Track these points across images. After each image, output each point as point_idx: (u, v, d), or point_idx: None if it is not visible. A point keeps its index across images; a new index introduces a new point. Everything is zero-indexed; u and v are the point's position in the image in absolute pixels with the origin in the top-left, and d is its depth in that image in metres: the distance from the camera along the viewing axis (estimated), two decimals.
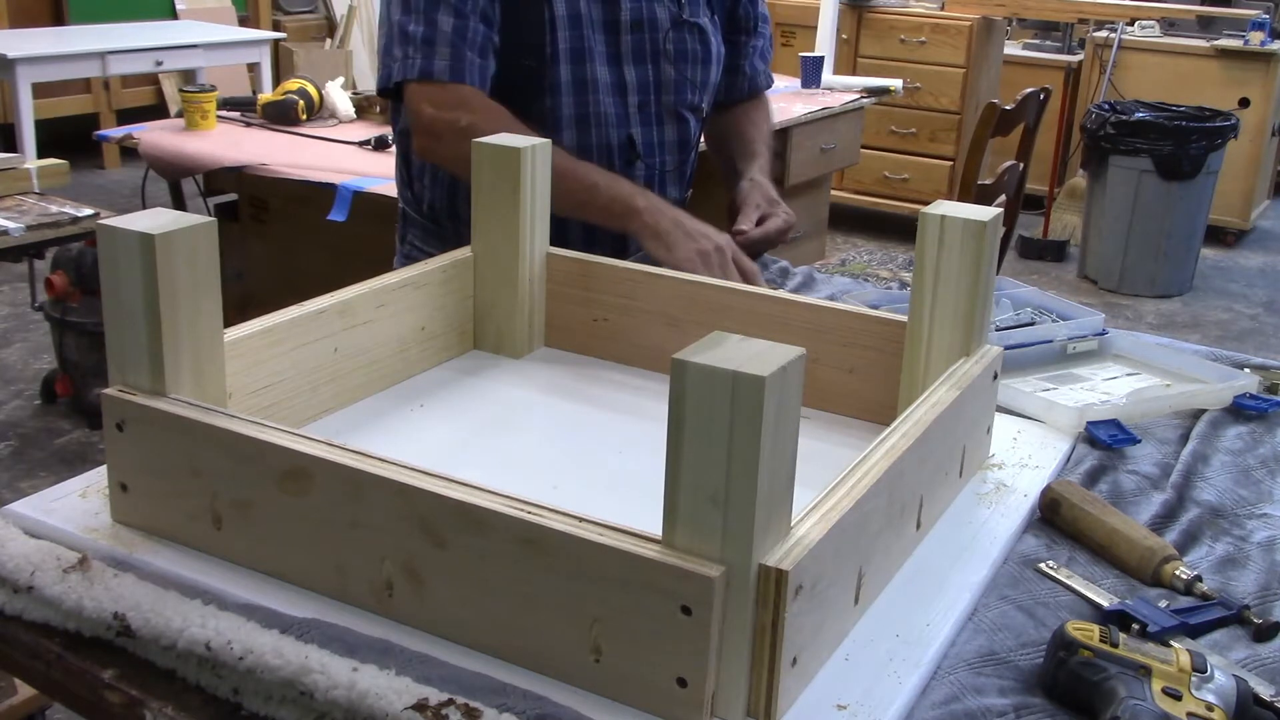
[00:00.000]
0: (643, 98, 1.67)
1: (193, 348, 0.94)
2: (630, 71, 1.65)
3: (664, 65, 1.67)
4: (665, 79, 1.68)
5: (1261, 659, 0.89)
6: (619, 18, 1.63)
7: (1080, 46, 6.01)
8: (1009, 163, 3.10)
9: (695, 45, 1.69)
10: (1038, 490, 1.08)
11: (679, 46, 1.68)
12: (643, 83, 1.66)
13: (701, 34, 1.70)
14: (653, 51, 1.66)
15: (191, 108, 3.23)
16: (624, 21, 1.63)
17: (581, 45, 1.60)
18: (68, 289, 3.14)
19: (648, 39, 1.65)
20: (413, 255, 1.73)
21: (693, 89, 1.71)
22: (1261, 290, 5.17)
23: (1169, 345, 1.47)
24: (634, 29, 1.64)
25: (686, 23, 1.68)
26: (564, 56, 1.59)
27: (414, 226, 1.75)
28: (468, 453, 1.13)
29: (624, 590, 0.75)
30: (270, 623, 0.83)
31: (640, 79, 1.66)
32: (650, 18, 1.65)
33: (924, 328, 1.10)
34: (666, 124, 1.70)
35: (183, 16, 6.27)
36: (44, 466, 3.15)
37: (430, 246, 1.70)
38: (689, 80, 1.70)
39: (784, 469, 0.74)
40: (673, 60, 1.67)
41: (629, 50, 1.64)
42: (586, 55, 1.60)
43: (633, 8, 1.63)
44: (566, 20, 1.59)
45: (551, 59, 1.58)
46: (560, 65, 1.59)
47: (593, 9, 1.61)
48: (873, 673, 0.83)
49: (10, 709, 2.02)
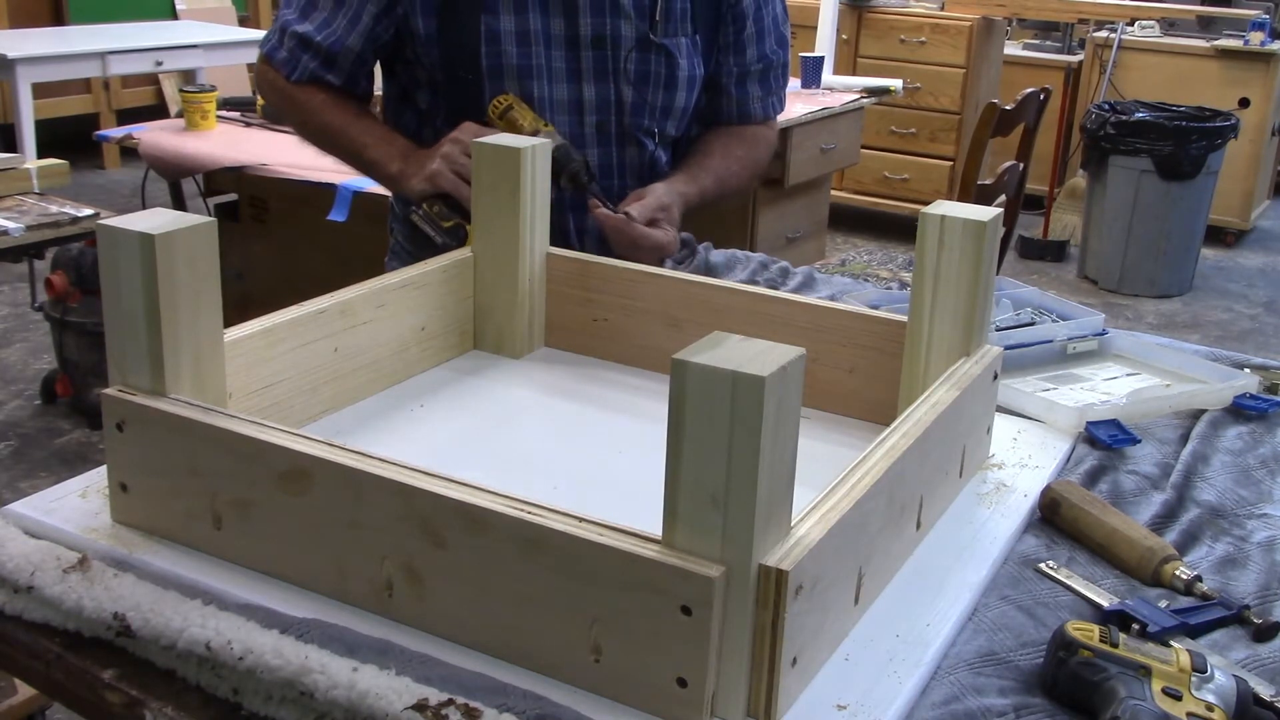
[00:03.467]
0: (601, 118, 1.61)
1: (193, 348, 0.94)
2: (589, 90, 1.59)
3: (623, 86, 1.60)
4: (624, 100, 1.61)
5: (1261, 659, 0.89)
6: (579, 33, 1.57)
7: (1080, 46, 6.01)
8: (1009, 163, 3.10)
9: (659, 68, 1.61)
10: (1038, 490, 1.08)
11: (640, 67, 1.60)
12: (602, 102, 1.60)
13: (668, 56, 1.61)
14: (614, 71, 1.60)
15: (191, 108, 3.23)
16: (584, 37, 1.57)
17: (530, 62, 1.56)
18: (68, 289, 3.15)
19: (609, 57, 1.59)
20: (398, 252, 1.76)
21: (652, 113, 1.63)
22: (1261, 290, 5.17)
23: (1169, 345, 1.47)
24: (595, 45, 1.58)
25: (653, 43, 1.60)
26: (509, 73, 1.55)
27: (399, 223, 1.76)
28: (468, 453, 1.13)
29: (624, 590, 0.75)
30: (270, 623, 0.83)
31: (600, 98, 1.60)
32: (613, 35, 1.58)
33: (924, 328, 1.10)
34: (627, 145, 1.64)
35: (183, 16, 6.27)
36: (44, 466, 3.15)
37: (412, 245, 1.71)
38: (648, 103, 1.62)
39: (784, 469, 0.74)
40: (632, 81, 1.60)
41: (589, 67, 1.59)
42: (536, 73, 1.56)
43: (594, 23, 1.57)
44: (514, 36, 1.54)
45: (493, 75, 1.55)
46: (505, 81, 1.55)
47: (550, 24, 1.56)
48: (873, 673, 0.83)
49: (10, 709, 2.02)
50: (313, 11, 1.60)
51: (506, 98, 1.52)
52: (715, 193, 1.69)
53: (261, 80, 1.71)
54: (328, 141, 1.67)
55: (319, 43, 1.59)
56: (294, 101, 1.65)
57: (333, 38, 1.59)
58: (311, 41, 1.60)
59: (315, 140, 1.69)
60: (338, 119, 1.62)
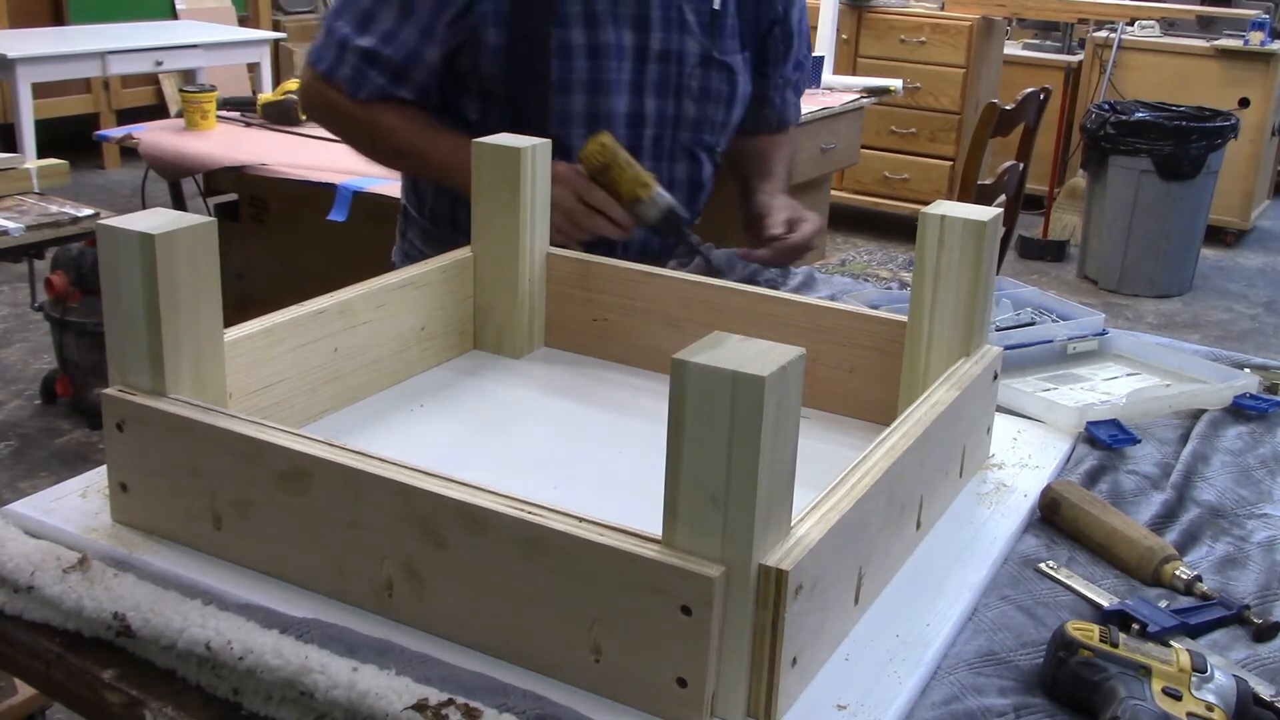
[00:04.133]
0: (659, 131, 1.62)
1: (193, 348, 0.94)
2: (650, 103, 1.60)
3: (686, 101, 1.61)
4: (685, 115, 1.62)
5: (1261, 659, 0.89)
6: (648, 45, 1.57)
7: (1080, 46, 6.01)
8: (1009, 163, 3.10)
9: (721, 85, 1.64)
10: (1038, 490, 1.08)
11: (703, 84, 1.62)
12: (661, 116, 1.61)
13: (729, 74, 1.64)
14: (676, 86, 1.60)
15: (191, 108, 3.23)
16: (652, 50, 1.57)
17: (601, 77, 1.55)
18: (68, 289, 3.14)
19: (673, 72, 1.60)
20: (410, 254, 1.74)
21: (711, 129, 1.65)
22: (1261, 290, 5.17)
23: (1169, 345, 1.47)
24: (660, 60, 1.58)
25: (715, 60, 1.62)
26: (579, 87, 1.54)
27: (414, 226, 1.75)
28: (468, 453, 1.13)
29: (624, 590, 0.75)
30: (270, 623, 0.83)
31: (659, 112, 1.61)
32: (679, 50, 1.59)
33: (924, 328, 1.10)
34: (679, 161, 1.65)
35: (183, 16, 6.27)
36: (44, 466, 3.15)
37: (428, 249, 1.70)
38: (709, 119, 1.64)
39: (784, 469, 0.74)
40: (695, 97, 1.62)
41: (652, 81, 1.59)
42: (605, 87, 1.55)
43: (663, 38, 1.57)
44: (585, 49, 1.53)
45: (562, 88, 1.54)
46: (573, 95, 1.54)
47: (622, 36, 1.55)
48: (873, 673, 0.83)
49: (10, 709, 2.02)
50: (371, 24, 1.52)
51: (604, 151, 1.47)
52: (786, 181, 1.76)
53: (314, 99, 1.61)
54: (403, 162, 1.62)
55: (388, 56, 1.52)
56: (358, 122, 1.58)
57: (403, 50, 1.52)
58: (379, 56, 1.52)
59: (385, 160, 1.64)
60: (414, 139, 1.56)
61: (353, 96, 1.55)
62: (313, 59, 1.59)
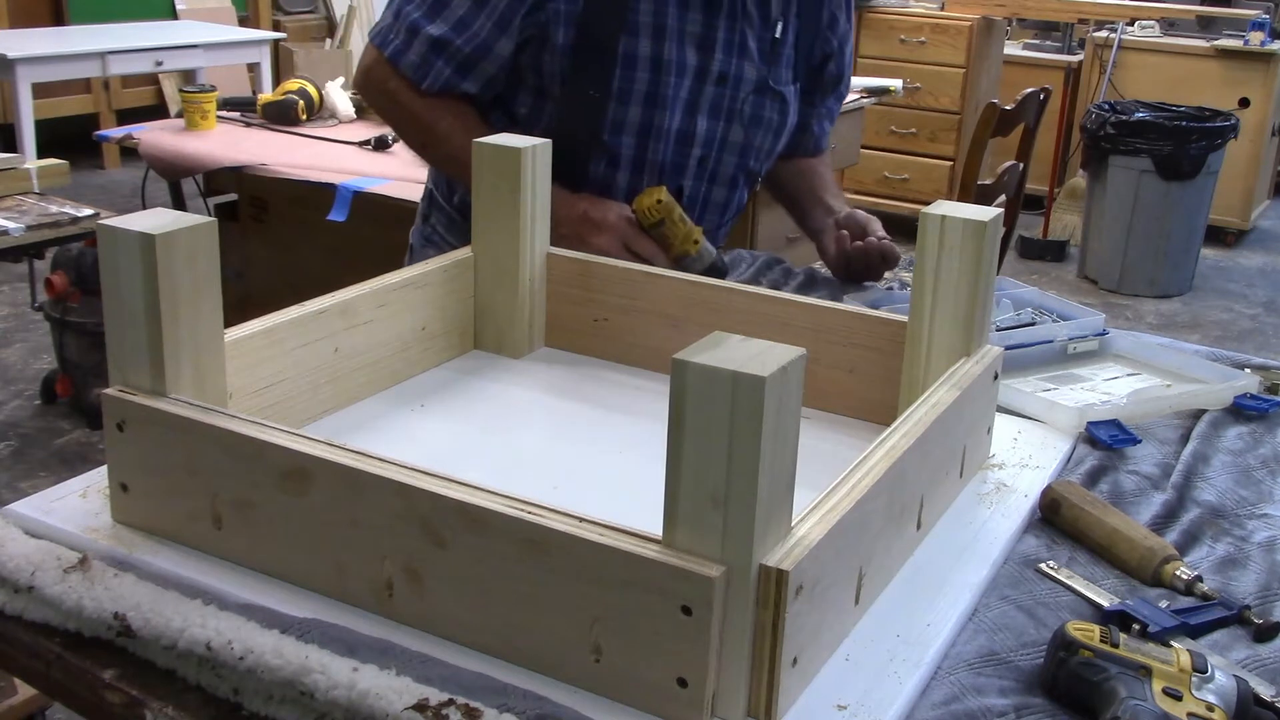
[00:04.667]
0: (705, 152, 1.61)
1: (193, 348, 0.94)
2: (701, 123, 1.58)
3: (736, 126, 1.61)
4: (734, 139, 1.62)
5: (1262, 659, 0.89)
6: (709, 67, 1.56)
7: (1080, 46, 6.01)
8: (1009, 163, 3.10)
9: (773, 114, 1.63)
10: (1038, 490, 1.08)
11: (756, 111, 1.62)
12: (710, 138, 1.60)
13: (782, 103, 1.64)
14: (729, 109, 1.59)
15: (191, 108, 3.24)
16: (712, 71, 1.56)
17: (659, 91, 1.53)
18: (68, 289, 3.15)
19: (728, 95, 1.59)
20: (432, 238, 1.73)
21: (757, 156, 1.65)
22: (1261, 290, 5.17)
23: (1169, 345, 1.47)
24: (718, 81, 1.57)
25: (770, 89, 1.61)
26: (636, 98, 1.53)
27: (440, 212, 1.74)
28: (468, 453, 1.13)
29: (624, 590, 0.75)
30: (270, 623, 0.83)
31: (709, 133, 1.60)
32: (737, 75, 1.58)
33: (924, 328, 1.10)
34: (719, 184, 1.64)
35: (183, 16, 6.27)
36: (44, 466, 3.15)
37: (451, 236, 1.70)
38: (756, 146, 1.64)
39: (784, 469, 0.74)
40: (746, 123, 1.61)
41: (707, 102, 1.58)
42: (661, 102, 1.54)
43: (723, 60, 1.56)
44: (649, 62, 1.52)
45: (620, 98, 1.52)
46: (630, 106, 1.53)
47: (684, 54, 1.54)
48: (873, 673, 0.83)
49: (10, 709, 2.02)
50: (444, 10, 1.48)
51: (660, 207, 1.46)
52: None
53: (374, 84, 1.57)
54: (453, 168, 1.59)
55: (458, 46, 1.49)
56: (417, 118, 1.55)
57: (475, 41, 1.49)
58: (449, 45, 1.49)
59: (434, 163, 1.63)
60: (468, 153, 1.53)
61: (417, 86, 1.52)
62: (378, 41, 1.54)
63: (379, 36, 1.55)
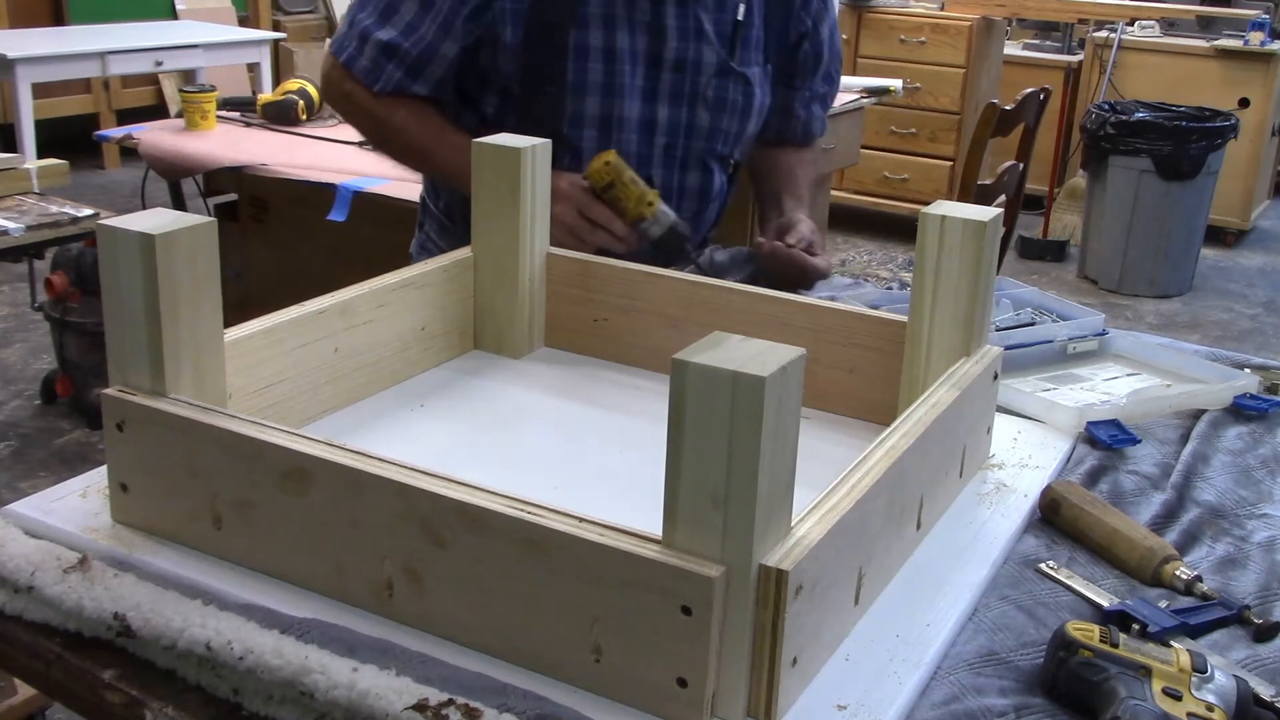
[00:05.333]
0: (671, 139, 1.61)
1: (193, 348, 0.94)
2: (663, 110, 1.59)
3: (700, 110, 1.61)
4: (699, 124, 1.62)
5: (1261, 659, 0.89)
6: (662, 54, 1.56)
7: (1080, 46, 6.01)
8: (1009, 163, 3.10)
9: (737, 95, 1.63)
10: (1038, 490, 1.08)
11: (719, 94, 1.61)
12: (674, 124, 1.60)
13: (746, 85, 1.63)
14: (691, 94, 1.60)
15: (191, 108, 3.23)
16: (666, 59, 1.57)
17: (613, 80, 1.54)
18: (68, 289, 3.14)
19: (688, 81, 1.59)
20: (426, 245, 1.75)
21: (724, 139, 1.65)
22: (1261, 290, 5.17)
23: (1169, 345, 1.47)
24: (675, 68, 1.57)
25: (733, 71, 1.61)
26: (592, 89, 1.54)
27: (431, 218, 1.76)
28: (468, 453, 1.13)
29: (624, 590, 0.75)
30: (270, 623, 0.83)
31: (672, 120, 1.60)
32: (695, 60, 1.58)
33: (924, 328, 1.10)
34: (690, 170, 1.64)
35: (183, 16, 6.27)
36: (44, 466, 3.15)
37: (443, 241, 1.71)
38: (723, 130, 1.64)
39: (784, 469, 0.74)
40: (710, 107, 1.61)
41: (666, 89, 1.58)
42: (618, 91, 1.55)
43: (678, 47, 1.57)
44: (601, 53, 1.53)
45: (576, 90, 1.54)
46: (587, 98, 1.54)
47: (636, 42, 1.55)
48: (873, 673, 0.83)
49: (10, 709, 2.02)
50: (393, 15, 1.52)
51: (608, 169, 1.47)
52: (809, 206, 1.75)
53: (333, 88, 1.62)
54: (413, 160, 1.63)
55: (407, 50, 1.52)
56: (373, 116, 1.59)
57: (422, 44, 1.52)
58: (397, 49, 1.52)
59: (397, 156, 1.65)
60: (425, 139, 1.57)
61: (369, 88, 1.56)
62: (334, 48, 1.60)
63: (335, 44, 1.60)
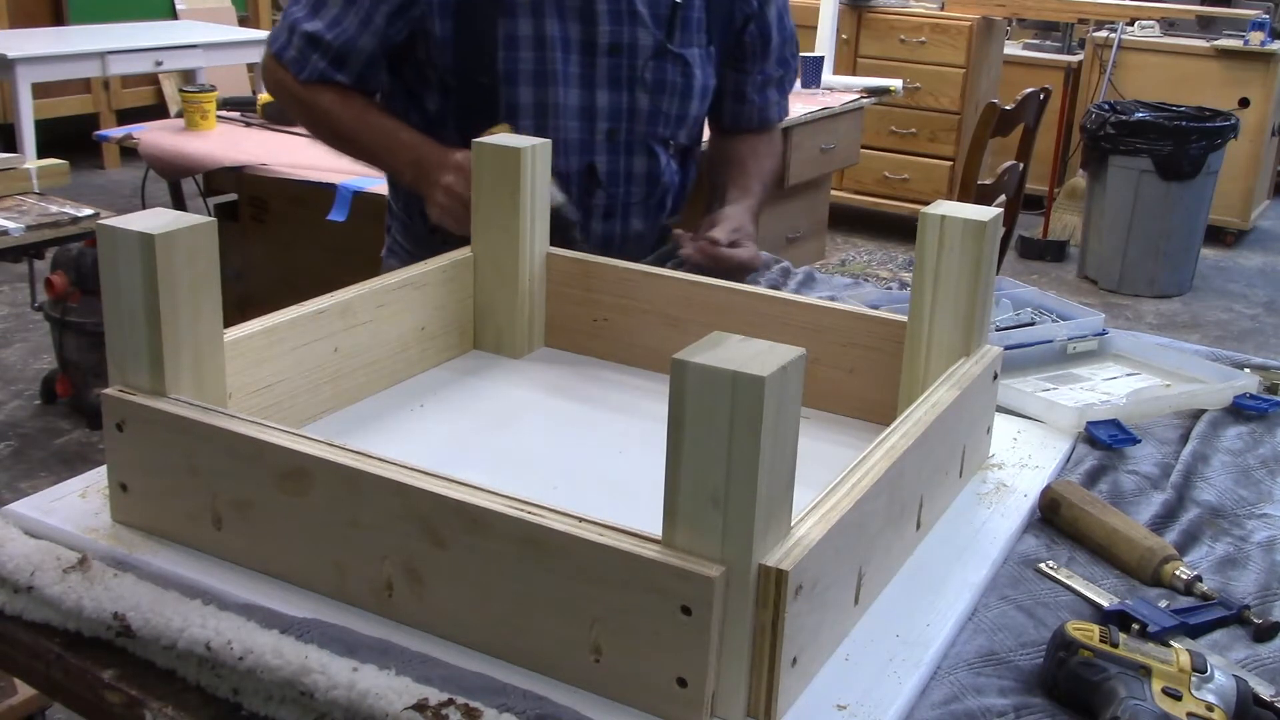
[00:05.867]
0: (612, 125, 1.60)
1: (193, 348, 0.94)
2: (602, 96, 1.59)
3: (639, 94, 1.60)
4: (639, 108, 1.60)
5: (1261, 659, 0.89)
6: (595, 40, 1.56)
7: (1080, 46, 6.01)
8: (1009, 163, 3.10)
9: (676, 77, 1.61)
10: (1038, 490, 1.08)
11: (657, 76, 1.60)
12: (614, 110, 1.60)
13: (685, 65, 1.62)
14: (629, 79, 1.59)
15: (191, 108, 3.23)
16: (600, 44, 1.56)
17: (545, 68, 1.55)
18: (68, 289, 3.14)
19: (625, 65, 1.58)
20: (394, 249, 1.77)
21: (666, 122, 1.63)
22: (1261, 290, 5.17)
23: (1169, 345, 1.47)
24: (611, 52, 1.57)
25: (670, 52, 1.60)
26: (525, 78, 1.54)
27: (396, 220, 1.77)
28: (468, 453, 1.13)
29: (624, 590, 0.75)
30: (270, 623, 0.83)
31: (612, 105, 1.59)
32: (630, 43, 1.57)
33: (924, 328, 1.10)
34: (636, 155, 1.63)
35: (183, 16, 6.27)
36: (44, 466, 3.15)
37: (407, 241, 1.72)
38: (663, 112, 1.62)
39: (784, 469, 0.74)
40: (649, 90, 1.60)
41: (604, 74, 1.58)
42: (551, 79, 1.55)
43: (611, 31, 1.56)
44: (531, 41, 1.54)
45: (509, 79, 1.54)
46: (520, 87, 1.54)
47: (568, 29, 1.55)
48: (873, 673, 0.83)
49: (10, 709, 2.02)
50: (322, 8, 1.57)
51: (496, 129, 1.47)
52: (761, 199, 1.73)
53: (269, 78, 1.68)
54: (339, 143, 1.65)
55: (329, 41, 1.56)
56: (303, 102, 1.63)
57: (344, 37, 1.56)
58: (321, 40, 1.56)
59: (327, 141, 1.67)
60: (347, 122, 1.60)
61: (296, 77, 1.60)
62: (269, 40, 1.65)
63: (270, 36, 1.66)
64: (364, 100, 1.62)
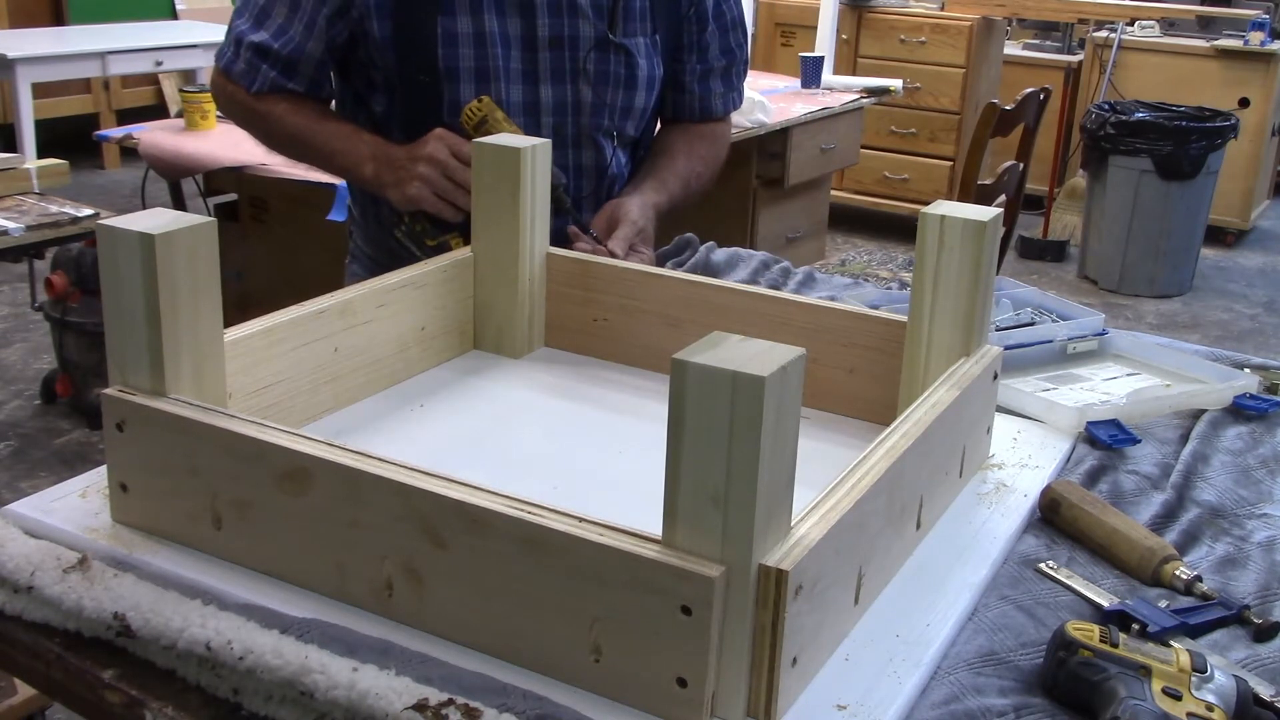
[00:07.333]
0: (558, 119, 1.59)
1: (193, 348, 0.94)
2: (547, 91, 1.58)
3: (583, 86, 1.58)
4: (583, 101, 1.59)
5: (1261, 659, 0.89)
6: (536, 33, 1.55)
7: (1080, 46, 6.01)
8: (1009, 163, 3.10)
9: (619, 68, 1.60)
10: (1038, 490, 1.08)
11: (600, 68, 1.59)
12: (559, 103, 1.58)
13: (628, 56, 1.60)
14: (571, 71, 1.58)
15: (191, 108, 3.24)
16: (541, 38, 1.55)
17: (486, 65, 1.54)
18: (68, 289, 3.15)
19: (567, 57, 1.57)
20: (358, 255, 1.77)
21: (611, 114, 1.62)
22: (1261, 290, 5.17)
23: (1169, 345, 1.47)
24: (552, 45, 1.56)
25: (612, 43, 1.58)
26: (466, 75, 1.53)
27: (355, 224, 1.78)
28: (468, 453, 1.13)
29: (624, 590, 0.75)
30: (270, 623, 0.83)
31: (557, 99, 1.58)
32: (571, 35, 1.56)
33: (924, 328, 1.10)
34: (584, 149, 1.62)
35: (183, 16, 6.27)
36: (44, 466, 3.16)
37: (366, 245, 1.73)
38: (607, 104, 1.61)
39: (784, 469, 0.74)
40: (592, 82, 1.59)
41: (546, 69, 1.57)
42: (493, 74, 1.54)
43: (551, 24, 1.55)
44: (470, 38, 1.53)
45: (450, 77, 1.53)
46: (462, 84, 1.53)
47: (507, 24, 1.54)
48: (873, 673, 0.83)
49: (10, 709, 2.02)
50: (266, 19, 1.57)
51: (480, 106, 1.49)
52: (682, 196, 1.70)
53: (220, 95, 1.67)
54: (296, 150, 1.64)
55: (277, 50, 1.55)
56: (255, 113, 1.61)
57: (291, 44, 1.55)
58: (269, 50, 1.56)
59: (283, 150, 1.66)
60: (302, 126, 1.59)
61: (248, 90, 1.59)
62: (217, 56, 1.65)
63: (218, 53, 1.64)
64: (318, 106, 1.62)
